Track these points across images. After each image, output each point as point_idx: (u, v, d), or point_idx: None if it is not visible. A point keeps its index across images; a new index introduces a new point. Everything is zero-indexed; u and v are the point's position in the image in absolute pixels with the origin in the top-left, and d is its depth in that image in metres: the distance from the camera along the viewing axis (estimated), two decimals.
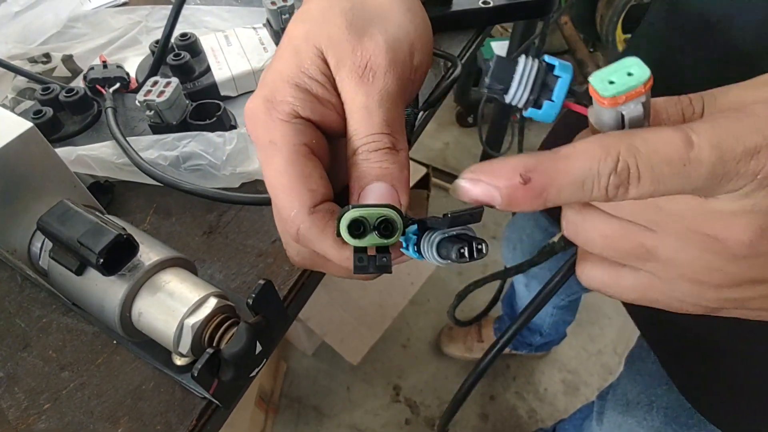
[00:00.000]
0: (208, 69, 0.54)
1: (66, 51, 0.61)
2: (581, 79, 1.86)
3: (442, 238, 0.24)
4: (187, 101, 0.50)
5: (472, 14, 0.60)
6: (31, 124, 0.35)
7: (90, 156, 0.45)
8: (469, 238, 0.24)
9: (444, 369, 1.48)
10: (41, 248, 0.37)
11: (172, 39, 0.54)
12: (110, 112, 0.48)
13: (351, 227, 0.23)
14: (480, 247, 0.23)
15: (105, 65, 0.54)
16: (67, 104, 0.51)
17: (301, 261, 0.30)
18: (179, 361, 0.35)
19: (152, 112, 0.47)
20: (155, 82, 0.48)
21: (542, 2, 0.61)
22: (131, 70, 0.56)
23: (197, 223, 0.45)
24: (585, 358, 1.50)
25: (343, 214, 0.23)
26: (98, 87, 0.53)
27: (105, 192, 0.46)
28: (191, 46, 0.56)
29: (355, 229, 0.23)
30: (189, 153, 0.45)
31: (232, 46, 0.56)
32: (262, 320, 0.32)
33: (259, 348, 0.31)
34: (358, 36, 0.27)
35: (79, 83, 0.56)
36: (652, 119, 0.21)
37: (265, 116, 0.27)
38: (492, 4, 0.59)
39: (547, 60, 0.22)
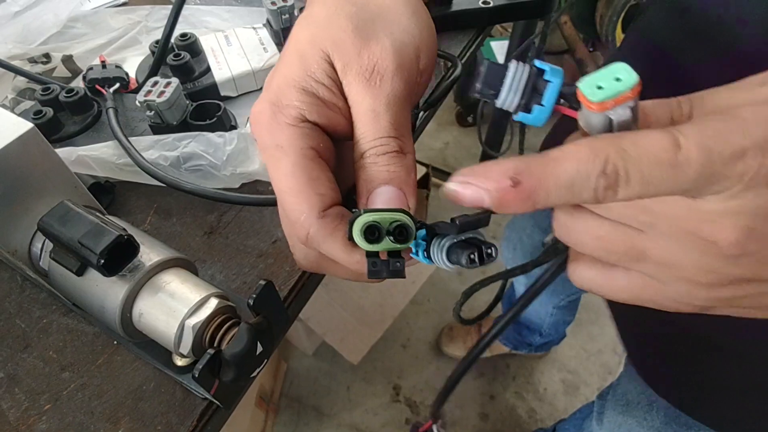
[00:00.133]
0: (208, 69, 0.54)
1: (66, 51, 0.61)
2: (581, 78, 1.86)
3: (451, 243, 0.24)
4: (188, 101, 0.50)
5: (472, 14, 0.60)
6: (31, 125, 0.35)
7: (90, 156, 0.45)
8: (478, 243, 0.24)
9: (444, 369, 1.48)
10: (42, 249, 0.37)
11: (172, 39, 0.54)
12: (112, 112, 0.48)
13: (366, 232, 0.23)
14: (490, 251, 0.23)
15: (104, 65, 0.54)
16: (67, 104, 0.51)
17: (308, 264, 0.30)
18: (180, 362, 0.35)
19: (152, 113, 0.47)
20: (155, 83, 0.48)
21: (542, 2, 0.61)
22: (131, 71, 0.56)
23: (198, 224, 0.45)
24: (585, 358, 1.50)
25: (355, 218, 0.23)
26: (98, 87, 0.53)
27: (105, 192, 0.46)
28: (191, 46, 0.56)
29: (370, 235, 0.23)
30: (189, 153, 0.45)
31: (232, 46, 0.56)
32: (262, 321, 0.32)
33: (259, 348, 0.31)
34: (365, 40, 0.27)
35: (78, 83, 0.56)
36: (641, 122, 0.22)
37: (272, 120, 0.27)
38: (492, 4, 0.60)
39: (537, 65, 0.22)
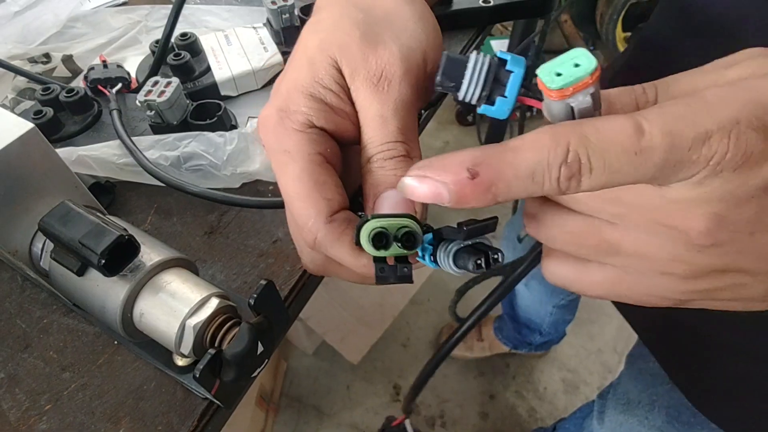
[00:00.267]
0: (209, 69, 0.54)
1: (66, 51, 0.61)
2: None
3: (458, 248, 0.24)
4: (188, 101, 0.50)
5: (472, 13, 0.60)
6: (32, 125, 0.35)
7: (91, 156, 0.45)
8: (485, 248, 0.24)
9: (444, 368, 1.48)
10: (42, 249, 0.37)
11: (172, 39, 0.54)
12: (115, 114, 0.48)
13: (374, 239, 0.23)
14: (496, 257, 0.23)
15: (105, 65, 0.54)
16: (68, 104, 0.51)
17: (316, 268, 0.31)
18: (181, 362, 0.35)
19: (153, 112, 0.47)
20: (156, 82, 0.48)
21: (542, 1, 0.61)
22: (131, 70, 0.56)
23: (198, 224, 0.45)
24: (585, 357, 1.50)
25: (362, 224, 0.24)
26: (100, 87, 0.53)
27: (106, 192, 0.46)
28: (191, 45, 0.56)
29: (378, 241, 0.23)
30: (190, 153, 0.45)
31: (233, 46, 0.56)
32: (263, 320, 0.32)
33: (260, 348, 0.31)
34: (372, 45, 0.27)
35: (79, 83, 0.56)
36: (606, 110, 0.21)
37: (280, 126, 0.27)
38: (492, 4, 0.59)
39: (499, 55, 0.21)
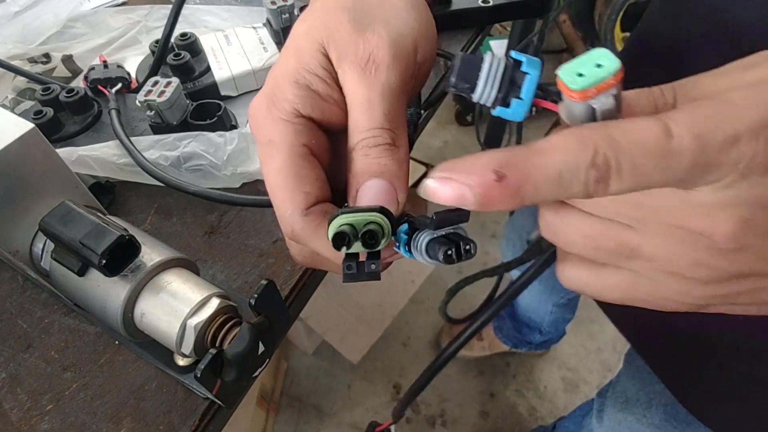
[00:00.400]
0: (209, 69, 0.54)
1: (66, 51, 0.61)
2: None
3: (430, 239, 0.23)
4: (188, 101, 0.50)
5: (472, 13, 0.60)
6: (32, 125, 0.35)
7: (91, 156, 0.45)
8: (457, 239, 0.23)
9: (444, 367, 1.48)
10: (43, 249, 0.37)
11: (172, 39, 0.54)
12: (114, 113, 0.48)
13: (334, 240, 0.22)
14: (468, 247, 0.23)
15: (105, 65, 0.54)
16: (68, 104, 0.51)
17: (303, 260, 0.31)
18: (182, 362, 0.35)
19: (153, 113, 0.47)
20: (155, 82, 0.48)
21: (541, 1, 0.61)
22: (131, 70, 0.56)
23: (198, 223, 0.45)
24: (584, 356, 1.51)
25: (332, 219, 0.23)
26: (100, 87, 0.53)
27: (106, 192, 0.46)
28: (191, 45, 0.56)
29: (339, 241, 0.22)
30: (190, 153, 0.45)
31: (232, 46, 0.56)
32: (264, 320, 0.32)
33: (261, 348, 0.31)
34: (361, 29, 0.27)
35: (79, 83, 0.56)
36: (624, 112, 0.20)
37: (267, 115, 0.27)
38: (491, 4, 0.60)
39: (514, 56, 0.21)
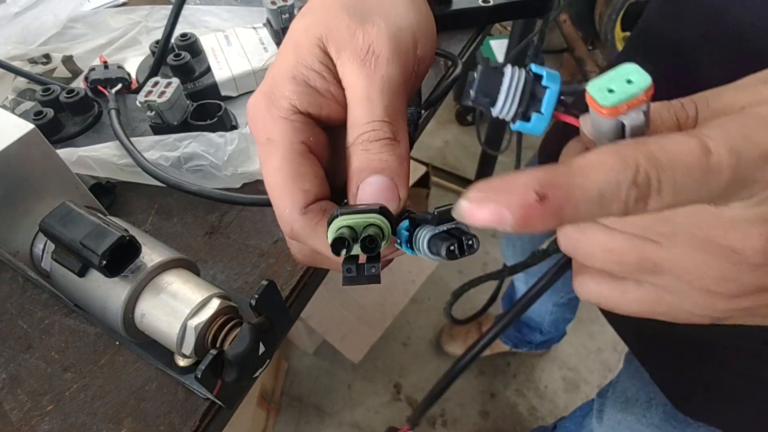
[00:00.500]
0: (209, 69, 0.54)
1: (66, 52, 0.61)
2: (580, 77, 1.85)
3: (432, 234, 0.23)
4: (188, 101, 0.50)
5: (472, 13, 0.60)
6: (32, 126, 0.35)
7: (91, 157, 0.45)
8: (459, 234, 0.23)
9: (445, 367, 1.48)
10: (43, 250, 0.37)
11: (172, 39, 0.54)
12: (114, 114, 0.48)
13: (334, 245, 0.22)
14: (470, 242, 0.23)
15: (106, 66, 0.54)
16: (68, 105, 0.51)
17: (303, 258, 0.30)
18: (182, 362, 0.35)
19: (153, 113, 0.47)
20: (156, 83, 0.48)
21: (542, 1, 0.61)
22: (131, 71, 0.56)
23: (199, 224, 0.45)
24: (585, 356, 1.51)
25: (331, 220, 0.23)
26: (100, 88, 0.53)
27: (106, 193, 0.46)
28: (191, 46, 0.56)
29: (339, 245, 0.22)
30: (190, 153, 0.45)
31: (233, 46, 0.56)
32: (265, 321, 0.32)
33: (262, 348, 0.31)
34: (360, 22, 0.27)
35: (79, 84, 0.56)
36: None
37: (265, 113, 0.27)
38: (491, 3, 0.59)
39: (534, 70, 0.21)
